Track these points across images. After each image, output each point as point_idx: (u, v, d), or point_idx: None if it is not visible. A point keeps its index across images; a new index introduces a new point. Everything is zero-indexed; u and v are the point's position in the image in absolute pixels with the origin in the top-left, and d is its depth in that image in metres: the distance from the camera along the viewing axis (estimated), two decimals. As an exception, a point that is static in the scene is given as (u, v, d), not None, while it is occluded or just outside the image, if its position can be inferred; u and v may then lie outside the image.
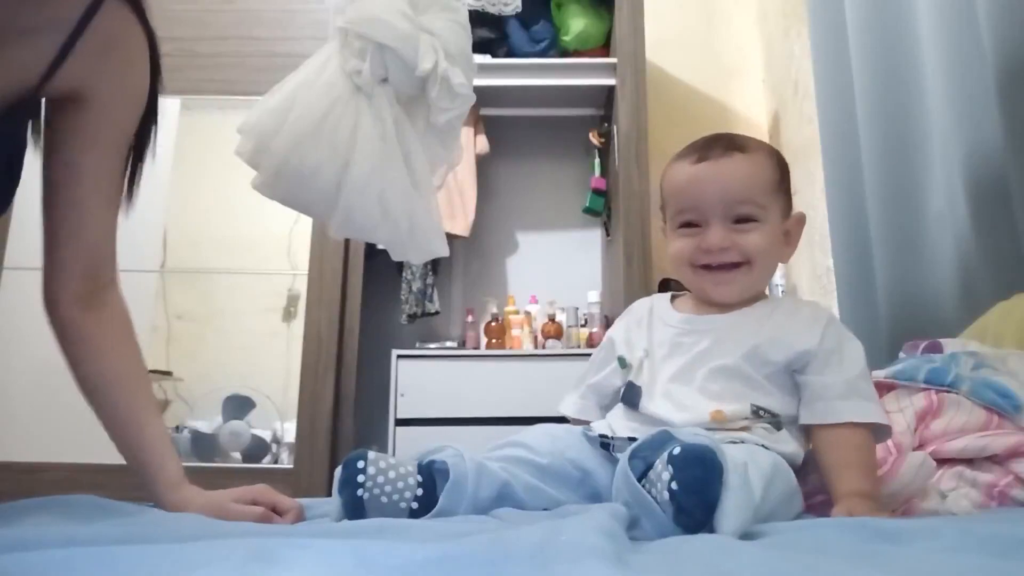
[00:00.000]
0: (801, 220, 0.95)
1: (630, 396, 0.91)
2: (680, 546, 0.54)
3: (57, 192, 0.83)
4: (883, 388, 0.98)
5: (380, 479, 0.75)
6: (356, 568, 0.41)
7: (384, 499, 0.75)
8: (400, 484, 0.76)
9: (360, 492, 0.74)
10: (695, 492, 0.60)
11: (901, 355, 1.17)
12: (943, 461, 0.89)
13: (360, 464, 0.75)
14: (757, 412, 0.84)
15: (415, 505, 0.76)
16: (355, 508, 0.74)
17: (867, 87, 1.76)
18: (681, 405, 0.86)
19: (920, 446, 0.90)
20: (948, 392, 0.93)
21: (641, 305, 1.01)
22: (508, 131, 2.90)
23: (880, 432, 0.85)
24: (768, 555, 0.47)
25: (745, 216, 0.88)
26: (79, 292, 0.84)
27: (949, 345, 1.11)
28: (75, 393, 0.83)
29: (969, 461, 0.88)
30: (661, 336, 0.93)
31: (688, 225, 0.91)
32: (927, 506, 0.86)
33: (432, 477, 0.78)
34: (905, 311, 1.62)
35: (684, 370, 0.88)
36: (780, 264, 2.70)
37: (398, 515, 0.75)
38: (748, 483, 0.64)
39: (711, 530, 0.60)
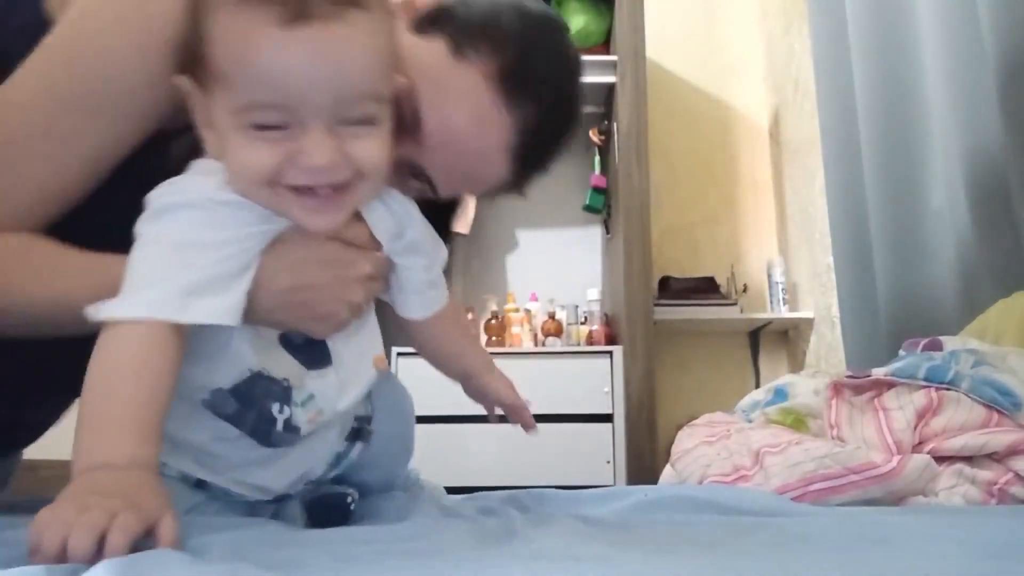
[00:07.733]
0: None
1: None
2: (672, 539, 0.54)
3: None
4: (883, 385, 0.98)
5: None
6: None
7: None
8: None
9: None
10: None
11: (901, 352, 1.17)
12: (942, 458, 0.89)
13: None
14: None
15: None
16: None
17: (867, 85, 1.76)
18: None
19: (920, 444, 0.90)
20: (948, 390, 0.93)
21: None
22: (508, 129, 2.90)
23: None
24: (763, 553, 0.47)
25: (360, 119, 0.59)
26: None
27: (949, 343, 1.12)
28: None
29: (969, 458, 0.88)
30: None
31: (268, 127, 0.57)
32: (924, 503, 0.86)
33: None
34: (905, 309, 1.62)
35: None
36: (781, 262, 2.71)
37: None
38: None
39: None
